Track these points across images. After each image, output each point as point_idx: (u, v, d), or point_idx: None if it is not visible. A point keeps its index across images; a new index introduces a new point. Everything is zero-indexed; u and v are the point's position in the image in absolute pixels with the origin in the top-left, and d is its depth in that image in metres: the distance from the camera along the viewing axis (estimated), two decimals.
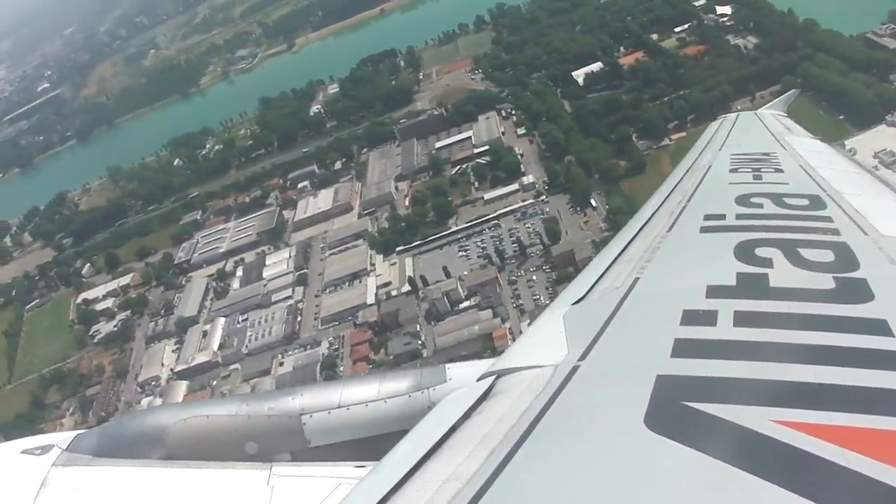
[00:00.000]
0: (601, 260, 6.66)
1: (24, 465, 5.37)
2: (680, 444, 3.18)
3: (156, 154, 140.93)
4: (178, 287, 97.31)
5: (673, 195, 8.41)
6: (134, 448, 5.54)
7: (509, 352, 5.30)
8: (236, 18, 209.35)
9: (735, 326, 4.37)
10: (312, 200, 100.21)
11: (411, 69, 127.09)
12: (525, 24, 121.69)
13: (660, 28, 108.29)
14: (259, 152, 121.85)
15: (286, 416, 5.67)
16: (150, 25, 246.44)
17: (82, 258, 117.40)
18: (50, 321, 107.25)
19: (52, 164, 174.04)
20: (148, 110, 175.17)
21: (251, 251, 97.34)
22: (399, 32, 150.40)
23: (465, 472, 3.30)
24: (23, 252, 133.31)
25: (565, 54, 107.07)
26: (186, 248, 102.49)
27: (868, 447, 3.01)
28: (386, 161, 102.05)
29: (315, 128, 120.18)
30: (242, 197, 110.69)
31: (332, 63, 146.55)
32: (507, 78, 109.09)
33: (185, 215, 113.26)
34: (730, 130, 12.16)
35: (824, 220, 6.41)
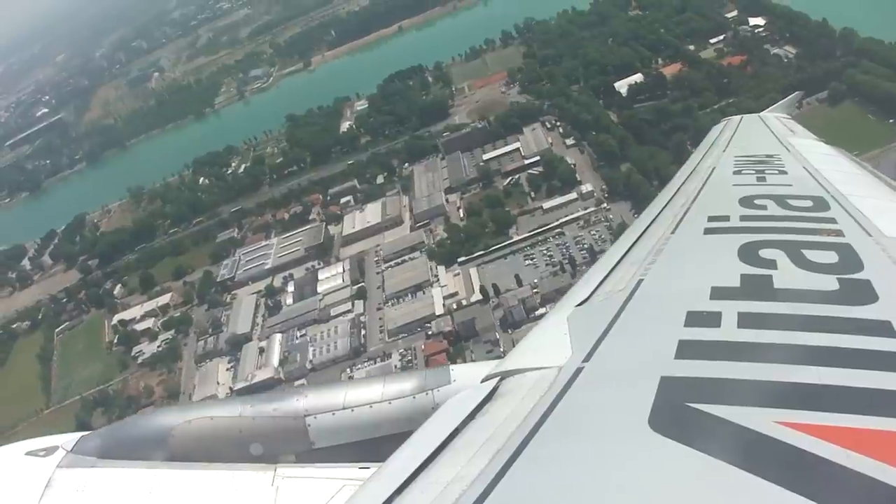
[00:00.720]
0: (605, 262, 6.67)
1: (28, 466, 5.36)
2: (684, 445, 3.18)
3: (179, 174, 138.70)
4: (224, 305, 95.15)
5: (677, 197, 8.37)
6: (138, 449, 5.53)
7: (513, 353, 5.27)
8: (243, 40, 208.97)
9: (739, 328, 4.38)
10: (359, 215, 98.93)
11: (442, 84, 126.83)
12: (556, 37, 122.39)
13: (695, 39, 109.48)
14: (291, 169, 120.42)
15: (291, 417, 5.69)
16: (149, 49, 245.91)
17: (112, 279, 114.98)
18: (84, 343, 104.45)
19: (61, 188, 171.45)
20: (160, 132, 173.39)
21: (299, 266, 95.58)
22: (417, 50, 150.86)
23: (469, 474, 3.31)
24: (44, 275, 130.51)
25: (604, 66, 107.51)
26: (228, 265, 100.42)
27: (872, 448, 3.00)
28: (432, 174, 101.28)
29: (349, 143, 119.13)
30: (282, 213, 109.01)
31: (351, 81, 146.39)
32: (546, 91, 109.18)
33: (220, 233, 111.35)
34: (734, 133, 12.12)
35: (828, 221, 6.37)
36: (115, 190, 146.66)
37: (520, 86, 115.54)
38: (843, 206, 6.85)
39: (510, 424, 3.77)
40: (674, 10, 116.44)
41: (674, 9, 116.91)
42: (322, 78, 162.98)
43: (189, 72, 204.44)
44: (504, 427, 3.77)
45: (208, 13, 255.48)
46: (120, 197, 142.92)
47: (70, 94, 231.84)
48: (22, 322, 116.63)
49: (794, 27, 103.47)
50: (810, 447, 3.07)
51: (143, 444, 5.62)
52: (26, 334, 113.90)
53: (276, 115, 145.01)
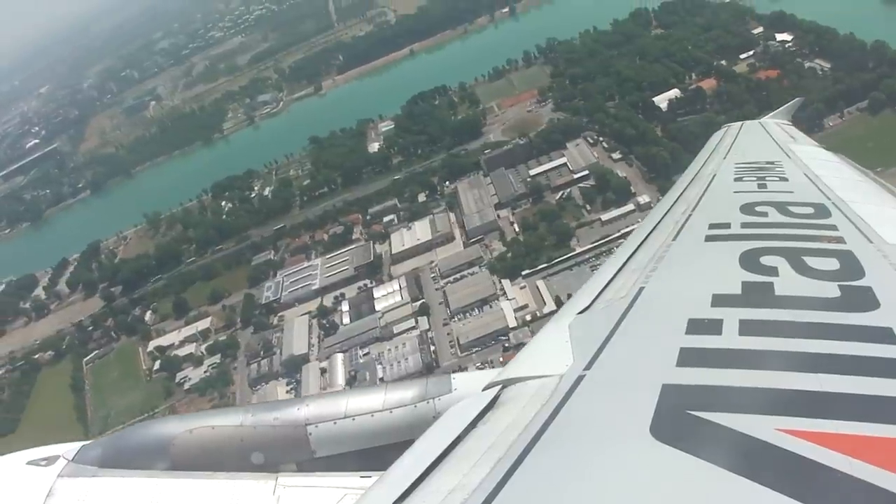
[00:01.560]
0: (606, 269, 6.65)
1: (30, 476, 5.35)
2: (686, 453, 3.18)
3: (197, 199, 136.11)
4: (272, 327, 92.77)
5: (678, 204, 8.37)
6: (139, 459, 5.53)
7: (515, 361, 5.26)
8: (243, 67, 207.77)
9: (740, 335, 4.38)
10: (407, 233, 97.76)
11: (469, 104, 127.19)
12: (583, 56, 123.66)
13: (725, 55, 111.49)
14: (322, 191, 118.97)
15: (292, 426, 5.69)
16: (142, 79, 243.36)
17: (141, 306, 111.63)
18: (118, 372, 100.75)
19: (65, 217, 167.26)
20: (167, 158, 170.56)
21: (349, 286, 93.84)
22: (430, 72, 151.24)
23: (470, 482, 3.30)
24: (61, 304, 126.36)
25: (639, 83, 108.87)
26: (272, 287, 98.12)
27: (874, 456, 3.00)
28: (478, 191, 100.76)
29: (381, 163, 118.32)
30: (320, 234, 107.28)
31: (365, 104, 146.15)
32: (581, 108, 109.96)
33: (255, 256, 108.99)
34: (734, 139, 12.13)
35: (829, 228, 6.39)
36: (126, 217, 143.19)
37: (553, 103, 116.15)
38: (845, 213, 6.82)
39: (512, 433, 3.76)
40: (700, 29, 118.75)
41: (700, 27, 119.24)
42: (334, 102, 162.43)
43: (188, 99, 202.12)
44: (505, 435, 3.76)
45: (200, 42, 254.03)
46: (135, 223, 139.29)
47: (60, 124, 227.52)
48: (44, 352, 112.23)
49: (823, 41, 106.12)
50: (811, 454, 3.05)
51: (144, 454, 5.59)
52: (51, 364, 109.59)
53: (290, 139, 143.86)
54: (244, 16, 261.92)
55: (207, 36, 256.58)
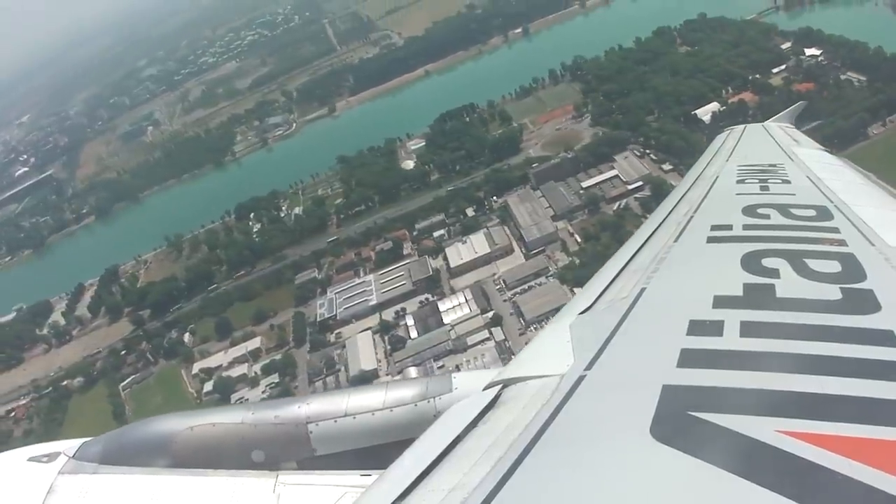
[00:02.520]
0: (608, 270, 6.69)
1: (30, 472, 5.35)
2: (686, 454, 3.20)
3: (221, 220, 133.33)
4: (330, 345, 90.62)
5: (680, 206, 8.46)
6: (141, 456, 5.52)
7: (515, 361, 5.35)
8: (243, 91, 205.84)
9: (741, 337, 4.41)
10: (462, 247, 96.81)
11: (500, 121, 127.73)
12: (614, 73, 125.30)
13: (757, 70, 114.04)
14: (358, 208, 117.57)
15: (292, 424, 5.70)
16: (133, 105, 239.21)
17: (177, 328, 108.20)
18: (162, 396, 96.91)
19: (70, 243, 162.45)
20: (176, 182, 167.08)
21: (407, 300, 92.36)
22: (447, 92, 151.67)
23: (470, 482, 3.33)
24: (83, 330, 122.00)
25: (679, 97, 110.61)
26: (325, 304, 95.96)
27: (874, 458, 3.02)
28: (530, 204, 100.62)
29: (418, 180, 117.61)
30: (367, 251, 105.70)
31: (383, 123, 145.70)
32: (622, 122, 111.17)
33: (297, 275, 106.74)
34: (737, 142, 12.34)
35: (831, 230, 6.44)
36: (138, 241, 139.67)
37: (591, 119, 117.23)
38: (846, 216, 6.84)
39: (512, 432, 3.76)
40: (729, 45, 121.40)
41: (728, 44, 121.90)
42: (349, 122, 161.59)
43: (189, 124, 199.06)
44: (506, 435, 3.75)
45: (192, 68, 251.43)
46: (154, 247, 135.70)
47: (51, 152, 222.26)
48: (72, 379, 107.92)
49: (855, 54, 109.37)
50: (811, 456, 3.05)
51: (145, 451, 5.56)
52: (82, 391, 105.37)
53: (309, 159, 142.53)
54: (235, 41, 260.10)
55: (200, 62, 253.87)
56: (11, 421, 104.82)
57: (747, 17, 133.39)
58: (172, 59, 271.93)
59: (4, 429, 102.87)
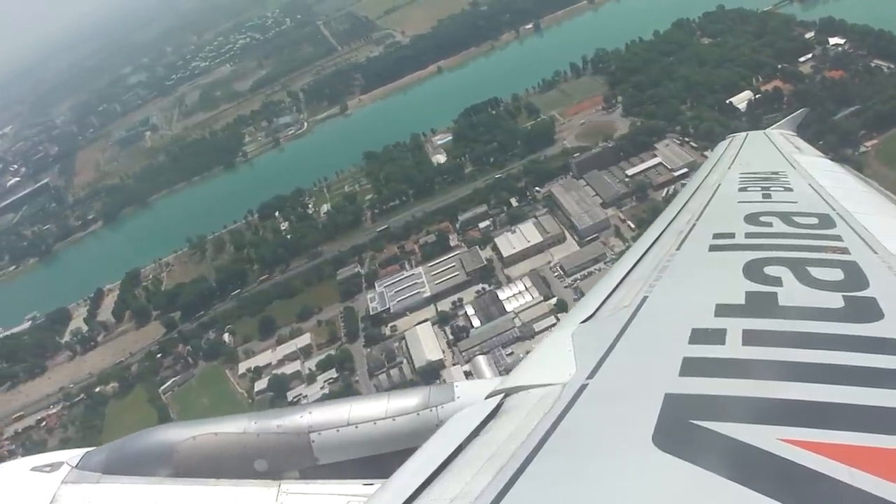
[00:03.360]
0: (610, 278, 6.75)
1: (33, 482, 5.38)
2: (688, 462, 3.21)
3: (244, 220, 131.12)
4: (386, 338, 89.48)
5: (682, 214, 8.47)
6: (143, 465, 5.55)
7: (518, 370, 5.36)
8: (244, 93, 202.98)
9: (744, 345, 4.42)
10: (512, 236, 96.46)
11: (528, 113, 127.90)
12: (640, 65, 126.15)
13: (783, 59, 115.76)
14: (393, 203, 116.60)
15: (295, 433, 5.73)
16: (124, 112, 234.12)
17: (214, 329, 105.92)
18: (209, 397, 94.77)
19: (78, 250, 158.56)
20: (186, 185, 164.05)
21: (462, 291, 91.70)
22: (461, 88, 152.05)
23: (473, 491, 3.35)
24: (109, 335, 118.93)
25: (711, 87, 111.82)
26: (376, 298, 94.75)
27: (875, 466, 3.02)
28: (576, 192, 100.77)
29: (452, 173, 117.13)
30: (410, 244, 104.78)
31: (399, 120, 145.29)
32: (656, 112, 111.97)
33: (338, 271, 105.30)
34: (739, 149, 12.32)
35: (833, 238, 6.46)
36: (152, 244, 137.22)
37: (623, 109, 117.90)
38: (849, 224, 6.86)
39: (514, 441, 3.75)
40: (752, 36, 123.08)
41: (752, 34, 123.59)
42: (362, 120, 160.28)
43: (190, 127, 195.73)
44: (508, 444, 3.75)
45: (183, 72, 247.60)
46: (174, 249, 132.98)
47: (42, 161, 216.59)
48: (105, 385, 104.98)
49: (881, 42, 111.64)
50: (814, 464, 3.05)
51: (147, 460, 5.56)
52: (118, 397, 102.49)
53: (326, 158, 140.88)
54: (226, 45, 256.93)
55: (191, 66, 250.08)
56: (44, 430, 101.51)
57: (763, 8, 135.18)
58: (160, 65, 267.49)
59: (37, 438, 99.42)
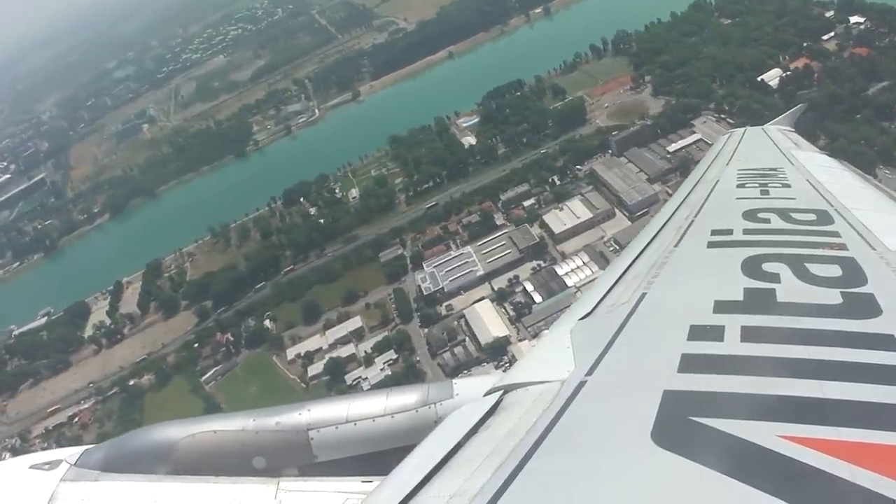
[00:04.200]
0: (609, 275, 6.77)
1: (32, 480, 5.36)
2: (687, 459, 3.22)
3: (267, 206, 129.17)
4: (442, 317, 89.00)
5: (680, 210, 8.49)
6: (142, 463, 5.55)
7: (517, 367, 5.45)
8: (245, 82, 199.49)
9: (742, 342, 4.43)
10: (560, 213, 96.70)
11: (553, 94, 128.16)
12: (662, 46, 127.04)
13: (808, 38, 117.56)
14: (426, 186, 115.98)
15: (294, 431, 5.74)
16: (115, 105, 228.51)
17: (252, 316, 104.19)
18: (257, 385, 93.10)
19: (86, 243, 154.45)
20: (195, 175, 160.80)
21: (516, 268, 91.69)
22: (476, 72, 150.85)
23: (472, 488, 3.35)
24: (135, 327, 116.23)
25: (740, 65, 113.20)
26: (427, 279, 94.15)
27: (874, 462, 3.02)
28: (618, 169, 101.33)
29: (486, 154, 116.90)
30: (453, 225, 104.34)
31: (414, 105, 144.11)
32: (688, 90, 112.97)
33: (379, 254, 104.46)
34: (737, 146, 12.41)
35: (831, 235, 6.46)
36: (168, 234, 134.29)
37: (652, 89, 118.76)
38: (847, 220, 6.90)
39: (513, 438, 3.76)
40: (773, 16, 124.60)
41: (773, 14, 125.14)
42: (376, 106, 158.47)
43: (191, 118, 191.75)
44: (507, 441, 3.76)
45: (174, 65, 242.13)
46: (196, 238, 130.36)
47: (32, 157, 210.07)
48: (138, 378, 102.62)
49: None
50: (812, 461, 3.07)
51: (146, 458, 5.56)
52: (155, 389, 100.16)
53: (343, 143, 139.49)
54: (216, 37, 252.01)
55: (182, 58, 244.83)
56: (77, 426, 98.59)
57: None
58: (148, 59, 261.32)
59: (71, 435, 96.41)
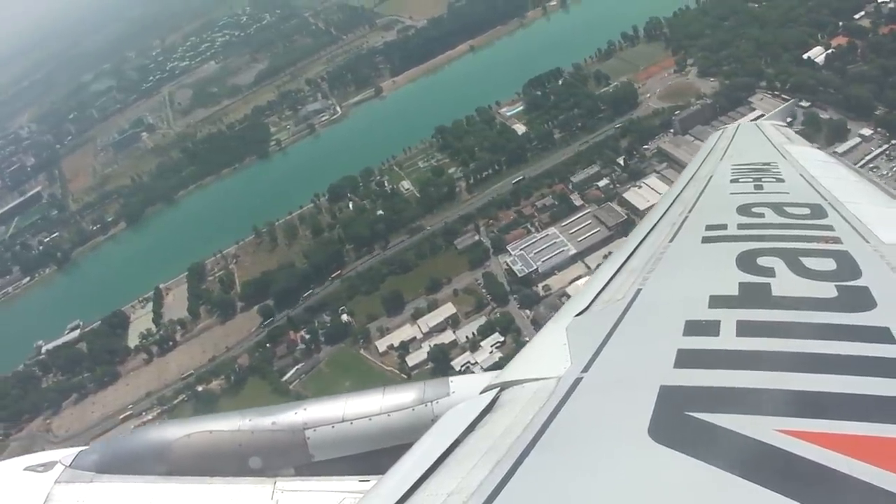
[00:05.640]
0: (604, 271, 6.76)
1: (27, 482, 5.34)
2: (684, 454, 3.21)
3: (312, 203, 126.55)
4: (542, 298, 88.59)
5: (674, 206, 8.48)
6: (137, 464, 5.53)
7: (512, 364, 5.34)
8: (247, 86, 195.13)
9: (738, 336, 4.41)
10: (640, 191, 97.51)
11: (597, 80, 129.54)
12: (699, 30, 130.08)
13: (841, 17, 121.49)
14: (487, 173, 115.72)
15: (290, 430, 5.72)
16: (104, 117, 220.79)
17: (327, 311, 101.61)
18: (351, 380, 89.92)
19: (101, 254, 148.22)
20: (214, 178, 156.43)
21: (606, 246, 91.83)
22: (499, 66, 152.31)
23: (469, 485, 3.33)
24: (188, 333, 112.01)
25: (783, 45, 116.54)
26: (518, 262, 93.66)
27: (873, 456, 3.01)
28: (686, 147, 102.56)
29: (544, 140, 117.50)
30: (528, 208, 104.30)
31: (442, 99, 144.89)
32: (738, 70, 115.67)
33: (455, 241, 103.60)
34: (730, 141, 12.39)
35: (825, 228, 6.47)
36: (194, 239, 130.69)
37: (699, 71, 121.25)
38: (841, 213, 6.91)
39: (510, 435, 3.75)
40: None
41: None
42: (401, 101, 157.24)
43: (194, 124, 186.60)
44: (503, 438, 3.76)
45: (161, 74, 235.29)
46: (236, 239, 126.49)
47: (19, 172, 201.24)
48: (206, 383, 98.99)
49: None
50: (811, 455, 3.06)
51: (141, 459, 5.56)
52: (230, 393, 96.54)
53: (374, 139, 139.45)
54: (202, 45, 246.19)
55: (169, 67, 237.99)
56: None
57: None
58: (130, 69, 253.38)
59: None
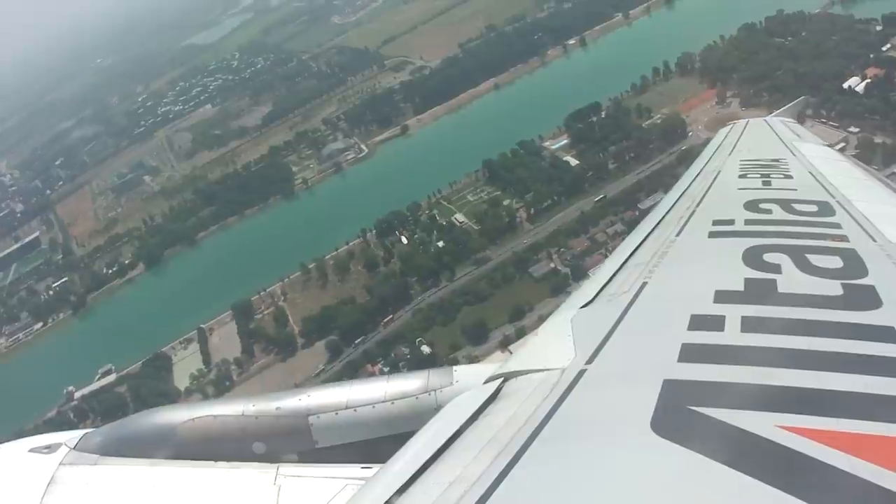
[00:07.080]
0: (610, 264, 6.78)
1: (31, 463, 5.32)
2: (686, 448, 3.22)
3: (359, 238, 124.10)
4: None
5: (682, 200, 8.51)
6: (142, 447, 5.53)
7: (517, 354, 5.37)
8: (255, 128, 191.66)
9: (743, 332, 4.42)
10: None
11: (638, 113, 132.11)
12: (732, 64, 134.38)
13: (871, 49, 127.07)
14: (546, 203, 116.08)
15: (293, 416, 5.72)
16: (96, 162, 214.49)
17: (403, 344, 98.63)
18: None
19: (119, 298, 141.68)
20: (237, 219, 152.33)
21: None
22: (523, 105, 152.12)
23: (471, 475, 3.34)
24: (246, 373, 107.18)
25: (822, 74, 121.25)
26: None
27: (874, 454, 3.02)
28: None
29: (600, 171, 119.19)
30: (600, 234, 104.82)
31: (471, 136, 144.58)
32: (780, 100, 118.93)
33: (530, 269, 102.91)
34: (739, 137, 12.41)
35: (833, 226, 6.49)
36: (225, 280, 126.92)
37: (741, 101, 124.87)
38: (848, 211, 6.93)
39: (513, 426, 3.78)
40: (827, 33, 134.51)
41: (826, 32, 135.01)
42: (429, 139, 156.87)
43: (202, 166, 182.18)
44: (506, 428, 3.78)
45: (153, 118, 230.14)
46: (281, 277, 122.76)
47: (9, 218, 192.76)
48: None
49: None
50: (812, 451, 3.07)
51: (146, 442, 5.57)
52: None
53: (403, 176, 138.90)
54: (194, 89, 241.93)
55: (161, 111, 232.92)
56: None
57: (812, 10, 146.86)
58: (117, 114, 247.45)
59: None
